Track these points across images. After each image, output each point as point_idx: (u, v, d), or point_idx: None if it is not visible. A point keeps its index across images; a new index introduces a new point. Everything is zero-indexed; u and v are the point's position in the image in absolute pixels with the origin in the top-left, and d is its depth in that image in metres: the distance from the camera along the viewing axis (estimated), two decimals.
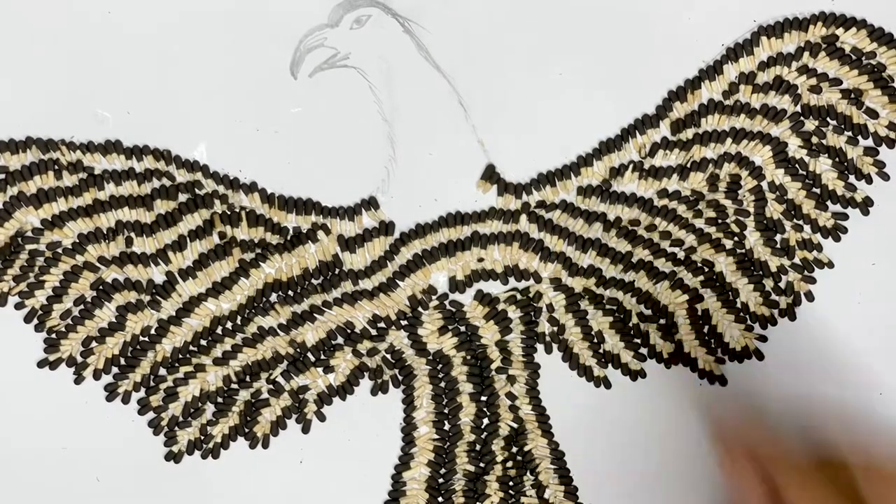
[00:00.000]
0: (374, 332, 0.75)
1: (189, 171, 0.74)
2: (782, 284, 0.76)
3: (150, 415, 0.73)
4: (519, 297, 0.75)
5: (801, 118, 0.76)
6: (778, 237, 0.76)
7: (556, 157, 0.75)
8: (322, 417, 0.74)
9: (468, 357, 0.75)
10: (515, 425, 0.75)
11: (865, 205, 0.76)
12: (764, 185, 0.76)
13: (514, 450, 0.75)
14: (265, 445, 0.74)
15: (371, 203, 0.75)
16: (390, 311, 0.75)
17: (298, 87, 0.74)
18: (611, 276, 0.75)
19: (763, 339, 0.76)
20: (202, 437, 0.73)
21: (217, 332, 0.74)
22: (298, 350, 0.74)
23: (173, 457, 0.73)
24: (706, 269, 0.75)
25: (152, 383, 0.73)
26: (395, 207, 0.75)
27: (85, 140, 0.73)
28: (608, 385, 0.76)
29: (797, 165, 0.76)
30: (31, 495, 0.73)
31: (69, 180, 0.73)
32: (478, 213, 0.75)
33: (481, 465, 0.75)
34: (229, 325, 0.74)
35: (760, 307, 0.76)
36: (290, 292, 0.74)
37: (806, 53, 0.76)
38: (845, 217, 0.76)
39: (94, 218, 0.73)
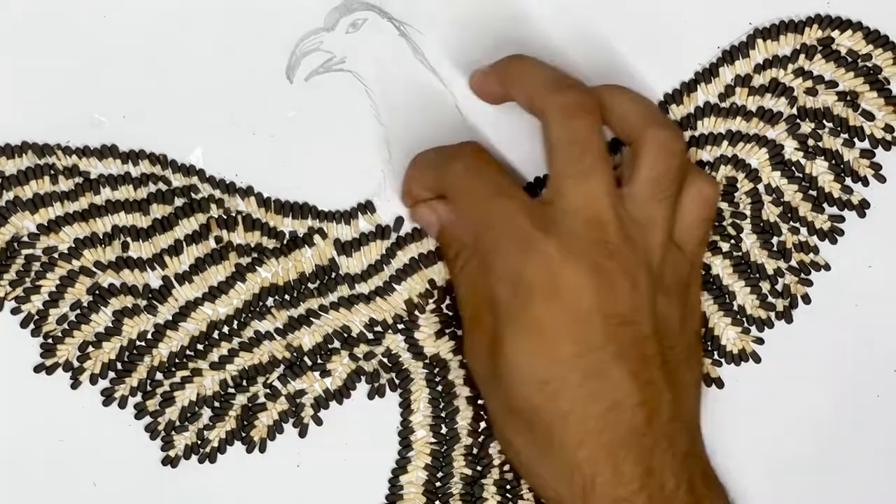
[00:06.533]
0: (370, 335, 0.75)
1: (185, 175, 0.74)
2: (779, 287, 0.76)
3: (147, 419, 0.73)
4: None
5: (798, 121, 0.76)
6: (774, 240, 0.76)
7: None
8: (319, 421, 0.74)
9: (465, 360, 0.75)
10: None
11: (862, 207, 0.76)
12: (760, 187, 0.76)
13: None
14: (262, 450, 0.74)
15: (367, 207, 0.75)
16: (387, 314, 0.75)
17: (294, 91, 0.74)
18: None
19: (760, 341, 0.76)
20: (199, 442, 0.73)
21: (213, 337, 0.74)
22: (295, 354, 0.74)
23: (170, 461, 0.73)
24: (703, 272, 0.75)
25: (149, 388, 0.73)
26: (392, 211, 0.75)
27: (81, 144, 0.73)
28: None
29: (793, 168, 0.76)
30: (28, 500, 0.73)
31: (65, 185, 0.73)
32: None
33: (478, 468, 0.75)
34: (226, 329, 0.74)
35: (757, 310, 0.76)
36: (287, 296, 0.74)
37: (802, 56, 0.76)
38: (842, 219, 0.76)
39: (91, 222, 0.73)
